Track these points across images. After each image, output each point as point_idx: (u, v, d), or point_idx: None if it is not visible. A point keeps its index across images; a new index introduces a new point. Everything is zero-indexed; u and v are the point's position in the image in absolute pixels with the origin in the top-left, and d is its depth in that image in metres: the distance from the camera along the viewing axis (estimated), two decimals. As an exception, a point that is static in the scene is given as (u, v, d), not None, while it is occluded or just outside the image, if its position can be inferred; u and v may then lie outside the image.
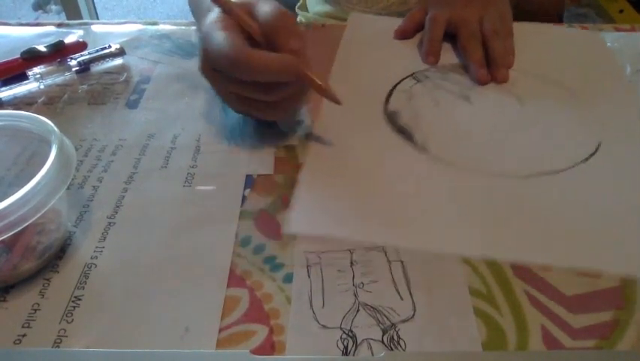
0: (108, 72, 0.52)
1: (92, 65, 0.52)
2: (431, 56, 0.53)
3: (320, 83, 0.39)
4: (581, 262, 0.32)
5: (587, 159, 0.41)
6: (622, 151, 0.42)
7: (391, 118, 0.45)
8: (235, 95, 0.40)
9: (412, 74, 0.51)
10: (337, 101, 0.40)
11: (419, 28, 0.58)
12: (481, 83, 0.49)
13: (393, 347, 0.28)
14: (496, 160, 0.41)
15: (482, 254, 0.33)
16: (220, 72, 0.39)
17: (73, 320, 0.29)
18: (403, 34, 0.58)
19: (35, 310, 0.30)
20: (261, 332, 0.29)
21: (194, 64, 0.53)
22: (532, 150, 0.42)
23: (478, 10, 0.54)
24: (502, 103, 0.48)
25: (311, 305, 0.30)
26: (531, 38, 0.56)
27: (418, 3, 0.66)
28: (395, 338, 0.28)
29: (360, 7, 0.68)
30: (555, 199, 0.37)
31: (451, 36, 0.54)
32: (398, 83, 0.50)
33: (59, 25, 0.61)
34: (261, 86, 0.38)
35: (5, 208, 0.27)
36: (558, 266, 0.32)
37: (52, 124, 0.33)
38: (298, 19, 0.78)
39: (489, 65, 0.50)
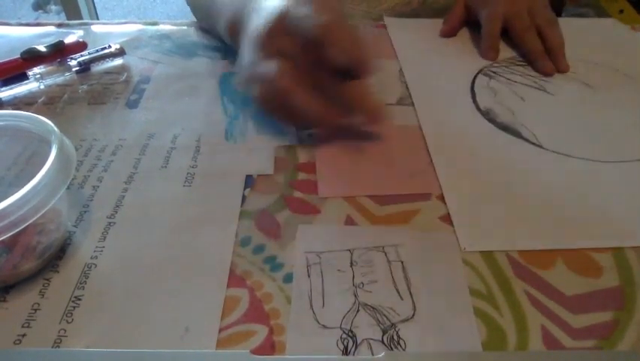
0: (108, 72, 0.52)
1: (92, 65, 0.52)
2: (492, 51, 0.54)
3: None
4: None
5: None
6: None
7: (489, 116, 0.45)
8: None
9: (480, 70, 0.52)
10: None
11: (462, 25, 0.59)
12: (547, 74, 0.51)
13: (393, 347, 0.28)
14: (609, 147, 0.42)
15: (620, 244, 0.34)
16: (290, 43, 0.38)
17: (73, 320, 0.29)
18: (450, 33, 0.59)
19: (35, 310, 0.30)
20: (261, 332, 0.29)
21: (194, 64, 0.53)
22: (629, 134, 0.43)
23: (526, 2, 0.54)
24: (577, 91, 0.49)
25: (311, 305, 0.30)
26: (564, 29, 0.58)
27: (421, 4, 0.66)
28: (395, 338, 0.28)
29: (363, 7, 0.68)
30: None
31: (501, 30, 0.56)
32: (474, 80, 0.50)
33: (59, 25, 0.61)
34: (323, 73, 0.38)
35: (5, 208, 0.27)
36: None
37: (52, 124, 0.33)
38: None
39: (549, 54, 0.51)
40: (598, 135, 0.43)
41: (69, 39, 0.52)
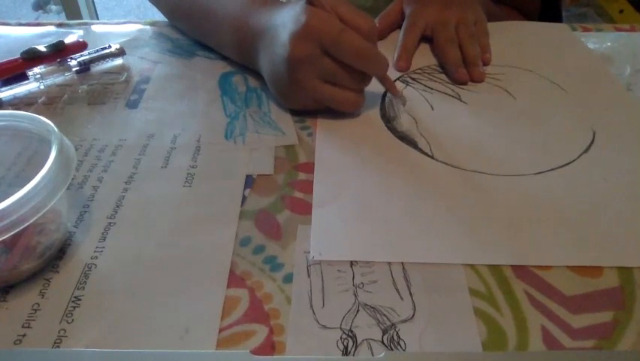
0: (108, 72, 0.52)
1: (92, 65, 0.52)
2: (401, 62, 0.53)
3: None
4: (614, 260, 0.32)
5: (588, 149, 0.42)
6: (617, 137, 0.43)
7: (391, 125, 0.45)
8: (319, 83, 0.42)
9: (399, 78, 0.51)
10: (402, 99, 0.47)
11: (394, 27, 0.58)
12: (460, 82, 0.51)
13: (393, 347, 0.28)
14: (504, 160, 0.41)
15: (507, 260, 0.32)
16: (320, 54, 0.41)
17: (73, 320, 0.29)
18: (378, 35, 0.57)
19: (35, 310, 0.30)
20: (261, 332, 0.29)
21: (194, 64, 0.53)
22: (536, 146, 0.42)
23: (456, 14, 0.55)
24: (496, 99, 0.48)
25: (311, 305, 0.30)
26: (510, 35, 0.58)
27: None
28: (395, 338, 0.28)
29: None
30: (571, 192, 0.37)
31: (431, 39, 0.55)
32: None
33: (59, 25, 0.61)
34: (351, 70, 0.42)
35: (5, 208, 0.27)
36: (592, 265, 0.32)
37: (52, 124, 0.33)
38: None
39: (466, 66, 0.51)
40: (495, 148, 0.42)
41: (69, 39, 0.52)
